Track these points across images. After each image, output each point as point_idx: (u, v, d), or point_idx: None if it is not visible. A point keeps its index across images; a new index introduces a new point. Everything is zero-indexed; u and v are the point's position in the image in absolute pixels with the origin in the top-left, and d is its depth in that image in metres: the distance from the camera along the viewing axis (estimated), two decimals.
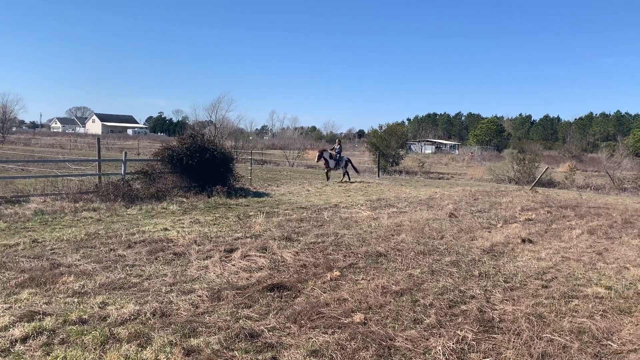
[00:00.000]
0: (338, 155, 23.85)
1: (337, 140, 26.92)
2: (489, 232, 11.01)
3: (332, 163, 23.54)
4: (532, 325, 5.53)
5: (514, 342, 5.07)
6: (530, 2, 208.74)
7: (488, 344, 5.04)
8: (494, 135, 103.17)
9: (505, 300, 6.42)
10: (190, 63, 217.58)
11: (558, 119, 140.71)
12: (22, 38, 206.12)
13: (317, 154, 23.92)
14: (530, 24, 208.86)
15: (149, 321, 5.26)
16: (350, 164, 24.61)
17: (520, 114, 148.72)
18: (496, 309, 6.05)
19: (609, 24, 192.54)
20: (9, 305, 5.57)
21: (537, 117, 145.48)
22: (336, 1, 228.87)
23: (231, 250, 8.37)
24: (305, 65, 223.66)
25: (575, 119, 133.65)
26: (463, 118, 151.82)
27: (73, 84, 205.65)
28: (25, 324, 5.01)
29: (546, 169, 27.18)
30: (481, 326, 5.48)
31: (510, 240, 10.11)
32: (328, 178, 24.01)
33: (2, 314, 5.28)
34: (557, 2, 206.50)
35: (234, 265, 7.55)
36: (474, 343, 5.02)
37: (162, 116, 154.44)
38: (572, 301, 6.46)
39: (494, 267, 8.01)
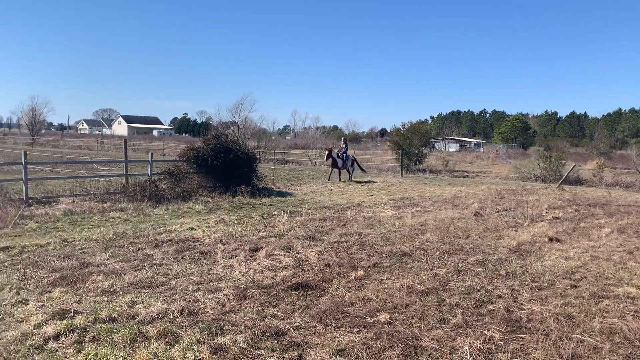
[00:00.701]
0: (344, 154, 23.60)
1: (342, 139, 26.43)
2: (516, 231, 10.86)
3: (340, 162, 23.31)
4: (561, 325, 5.45)
5: (542, 342, 5.00)
6: None
7: (516, 344, 4.98)
8: (519, 132, 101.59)
9: (533, 299, 6.33)
10: (213, 64, 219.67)
11: (585, 115, 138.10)
12: (51, 42, 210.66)
13: (326, 153, 23.71)
14: (555, 19, 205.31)
15: (177, 319, 5.34)
16: (356, 163, 24.46)
17: (545, 111, 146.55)
18: (524, 309, 5.97)
19: (638, 17, 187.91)
20: (41, 303, 5.71)
21: (563, 113, 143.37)
22: (359, 0, 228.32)
23: (256, 250, 8.44)
24: (327, 65, 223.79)
25: (603, 115, 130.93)
26: (487, 115, 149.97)
27: (99, 86, 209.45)
28: (57, 321, 5.13)
29: (573, 167, 26.67)
30: (508, 326, 5.42)
31: (537, 239, 9.96)
32: (329, 179, 23.43)
33: (35, 312, 5.42)
34: None
35: (259, 264, 7.60)
36: (502, 343, 4.96)
37: (187, 117, 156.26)
38: (602, 301, 6.34)
39: (521, 267, 7.90)
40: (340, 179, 23.39)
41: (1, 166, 22.23)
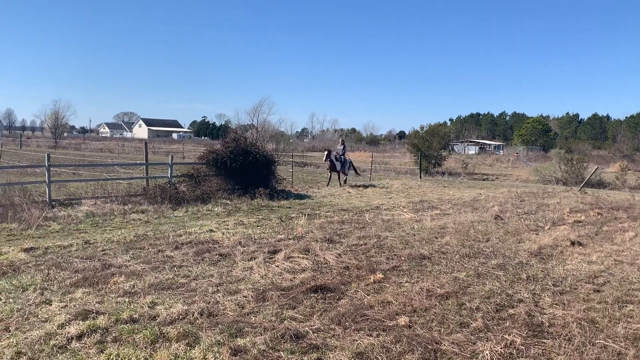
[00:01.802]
0: (342, 157, 22.16)
1: (340, 140, 25.11)
2: (537, 234, 10.73)
3: (338, 165, 21.80)
4: (583, 330, 5.36)
5: (564, 347, 4.93)
6: None
7: (537, 348, 4.92)
8: (540, 135, 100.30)
9: (555, 304, 6.24)
10: (232, 67, 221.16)
11: (607, 117, 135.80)
12: (74, 47, 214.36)
13: (325, 153, 21.97)
14: (575, 19, 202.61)
15: (197, 321, 5.38)
16: (352, 166, 23.08)
17: (567, 113, 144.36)
18: (545, 314, 5.89)
19: None
20: (64, 303, 5.81)
21: (585, 115, 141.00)
22: (374, 3, 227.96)
23: (275, 252, 8.46)
24: (345, 67, 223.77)
25: (626, 117, 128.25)
26: (507, 118, 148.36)
27: (121, 90, 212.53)
28: (80, 322, 5.21)
29: (595, 169, 26.26)
30: (530, 331, 5.35)
31: (559, 242, 9.82)
32: (328, 184, 22.03)
33: (58, 312, 5.50)
34: None
35: (277, 266, 7.63)
36: (523, 348, 4.90)
37: (206, 120, 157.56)
38: (626, 306, 6.22)
39: (542, 271, 7.80)
40: (340, 184, 21.89)
41: (25, 169, 22.66)
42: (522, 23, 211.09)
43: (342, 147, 22.51)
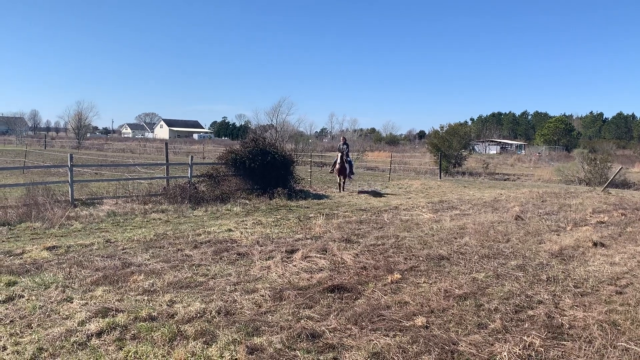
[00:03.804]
0: (348, 157, 19.41)
1: (342, 138, 20.82)
2: (558, 235, 10.57)
3: (348, 169, 19.25)
4: (605, 332, 5.27)
5: (585, 350, 4.85)
6: None
7: (557, 350, 4.84)
8: (563, 134, 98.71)
9: (576, 306, 6.14)
10: (252, 68, 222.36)
11: (633, 116, 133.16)
12: (97, 48, 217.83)
13: (339, 155, 19.10)
14: (597, 16, 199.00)
15: (214, 319, 5.42)
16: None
17: (590, 112, 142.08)
18: (566, 315, 5.81)
19: None
20: (85, 301, 5.90)
21: (609, 115, 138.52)
22: (395, 3, 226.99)
23: (292, 251, 8.48)
24: (364, 67, 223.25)
25: None
26: (529, 117, 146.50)
27: (142, 91, 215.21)
28: (100, 319, 5.29)
29: (620, 169, 25.75)
30: (549, 332, 5.28)
31: (581, 243, 9.66)
32: (344, 188, 19.55)
33: (79, 310, 5.60)
34: None
35: (295, 266, 7.65)
36: (542, 350, 4.84)
37: (226, 121, 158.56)
38: None
39: (563, 272, 7.68)
40: (342, 188, 19.51)
41: (49, 169, 23.10)
42: (545, 20, 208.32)
43: (346, 147, 19.53)
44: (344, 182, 19.64)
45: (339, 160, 18.92)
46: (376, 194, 18.58)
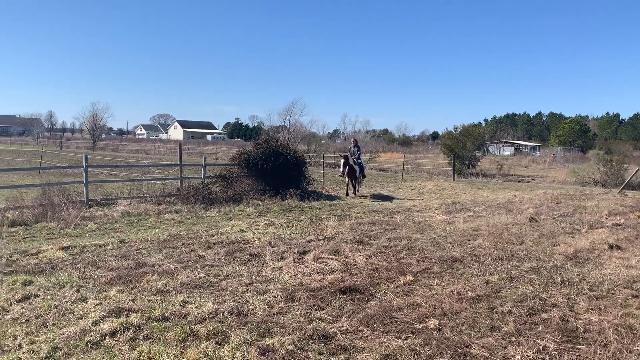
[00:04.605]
0: (359, 159, 18.73)
1: (352, 140, 20.29)
2: (573, 237, 10.45)
3: (357, 170, 18.49)
4: (620, 337, 5.19)
5: (600, 354, 4.79)
6: None
7: (572, 354, 4.79)
8: (578, 135, 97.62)
9: (591, 309, 6.07)
10: (264, 70, 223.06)
11: None
12: (112, 51, 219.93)
13: (342, 161, 18.06)
14: (614, 17, 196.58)
15: (227, 320, 5.44)
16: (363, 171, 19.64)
17: (607, 113, 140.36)
18: (580, 319, 5.74)
19: None
20: (99, 301, 5.96)
21: (625, 115, 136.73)
22: (406, 4, 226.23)
23: (304, 253, 8.49)
24: (377, 68, 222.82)
25: None
26: (544, 118, 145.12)
27: (157, 92, 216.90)
28: (114, 319, 5.34)
29: (637, 171, 25.38)
30: (564, 336, 5.22)
31: (596, 246, 9.54)
32: (357, 190, 18.87)
33: (93, 309, 5.65)
34: None
35: (307, 267, 7.65)
36: (556, 353, 4.78)
37: (239, 122, 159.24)
38: None
39: (578, 275, 7.59)
40: (357, 192, 18.85)
41: (64, 169, 23.36)
42: (560, 20, 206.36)
43: (357, 149, 18.90)
44: (354, 185, 18.81)
45: (343, 162, 17.99)
46: (388, 198, 18.32)
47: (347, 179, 18.57)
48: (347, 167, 17.80)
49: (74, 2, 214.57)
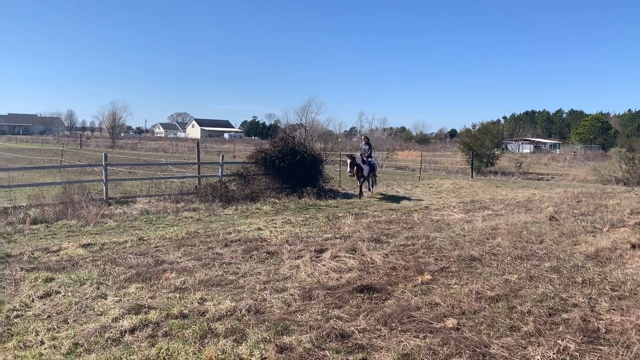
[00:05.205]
0: (370, 159, 18.08)
1: (363, 137, 20.09)
2: (594, 236, 10.28)
3: (366, 170, 17.67)
4: None
5: (622, 355, 4.70)
6: None
7: (593, 355, 4.71)
8: (599, 133, 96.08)
9: (613, 309, 5.96)
10: (281, 68, 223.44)
11: None
12: (131, 50, 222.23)
13: (349, 162, 17.42)
14: (635, 11, 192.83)
15: (244, 317, 5.46)
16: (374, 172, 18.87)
17: (629, 110, 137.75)
18: (602, 319, 5.64)
19: None
20: (118, 298, 6.03)
21: None
22: (422, 1, 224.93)
23: (321, 251, 8.49)
24: (394, 65, 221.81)
25: None
26: (564, 115, 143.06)
27: (175, 91, 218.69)
28: (133, 316, 5.39)
29: None
30: (585, 336, 5.14)
31: (618, 245, 9.38)
32: (369, 189, 18.33)
33: (113, 306, 5.72)
34: None
35: (324, 265, 7.64)
36: (577, 354, 4.71)
37: (256, 120, 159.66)
38: None
39: (599, 274, 7.47)
40: (370, 190, 18.36)
41: (84, 168, 23.67)
42: (580, 17, 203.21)
43: (367, 147, 18.41)
44: (364, 184, 18.14)
45: (349, 162, 17.31)
46: (403, 199, 17.73)
47: (355, 176, 17.78)
48: (355, 167, 17.20)
49: (96, 5, 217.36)
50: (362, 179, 17.72)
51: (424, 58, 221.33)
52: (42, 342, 4.81)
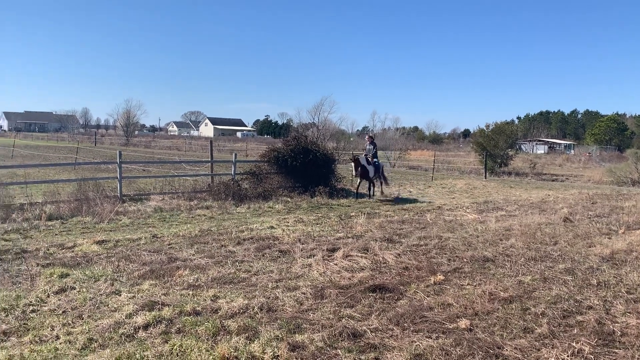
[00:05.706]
0: (375, 158, 17.36)
1: (367, 137, 19.36)
2: (609, 238, 10.17)
3: (371, 171, 16.93)
4: None
5: (638, 359, 4.65)
6: None
7: (608, 358, 4.66)
8: (615, 134, 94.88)
9: (628, 312, 5.89)
10: (294, 66, 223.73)
11: None
12: (145, 49, 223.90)
13: (354, 164, 16.61)
14: None
15: (257, 315, 5.48)
16: (383, 174, 18.33)
17: None
18: (617, 322, 5.58)
19: None
20: (132, 294, 6.08)
21: None
22: (434, 0, 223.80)
23: (333, 250, 8.49)
24: (407, 65, 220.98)
25: None
26: (579, 116, 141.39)
27: (188, 90, 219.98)
28: (147, 312, 5.44)
29: None
30: (600, 339, 5.08)
31: (634, 247, 9.26)
32: (358, 195, 17.02)
33: (127, 303, 5.77)
34: None
35: (336, 264, 7.65)
36: (592, 357, 4.67)
37: (268, 119, 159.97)
38: None
39: (614, 277, 7.38)
40: (370, 194, 17.38)
41: (99, 165, 23.89)
42: (594, 16, 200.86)
43: (372, 147, 17.75)
44: (370, 187, 17.46)
45: (354, 165, 16.56)
46: (416, 199, 17.34)
47: (360, 180, 17.18)
48: (360, 168, 16.45)
49: (113, 6, 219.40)
50: (367, 180, 17.15)
51: (438, 57, 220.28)
52: (58, 337, 4.87)
